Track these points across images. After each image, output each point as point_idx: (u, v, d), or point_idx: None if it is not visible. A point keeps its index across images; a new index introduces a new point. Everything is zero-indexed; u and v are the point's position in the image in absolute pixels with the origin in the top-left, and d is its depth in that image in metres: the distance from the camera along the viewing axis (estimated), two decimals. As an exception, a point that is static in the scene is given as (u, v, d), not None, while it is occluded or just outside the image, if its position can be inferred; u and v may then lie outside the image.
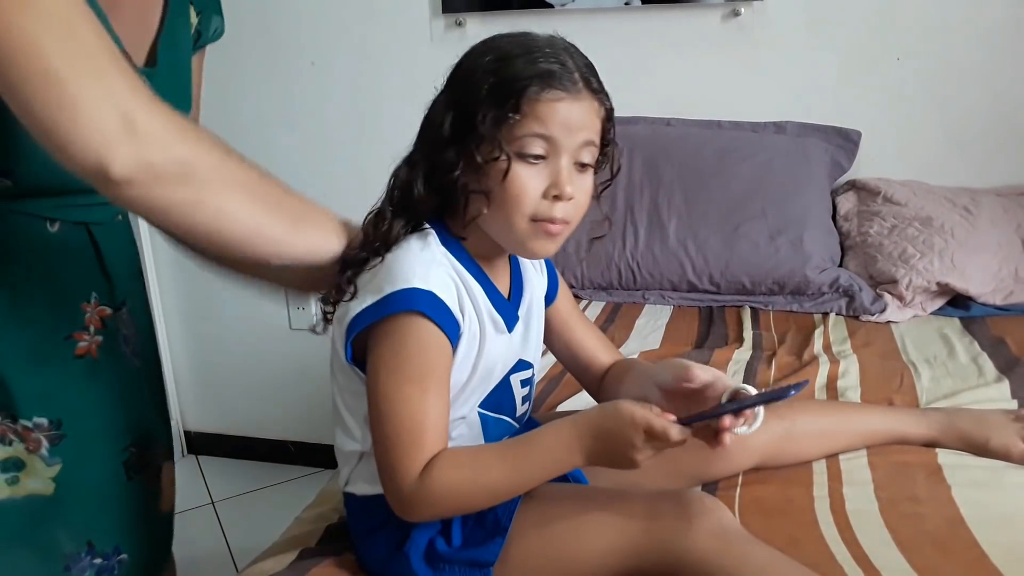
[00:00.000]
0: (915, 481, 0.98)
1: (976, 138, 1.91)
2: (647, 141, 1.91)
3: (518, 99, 0.78)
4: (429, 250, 0.83)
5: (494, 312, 0.87)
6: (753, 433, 0.80)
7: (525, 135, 0.79)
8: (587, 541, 0.80)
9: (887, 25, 1.90)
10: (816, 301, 1.70)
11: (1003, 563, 0.82)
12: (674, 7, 1.98)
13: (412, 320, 0.78)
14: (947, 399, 1.22)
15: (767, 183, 1.80)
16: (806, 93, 1.97)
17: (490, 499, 0.80)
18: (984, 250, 1.66)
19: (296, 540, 0.95)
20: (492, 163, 0.79)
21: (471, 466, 0.79)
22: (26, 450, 0.97)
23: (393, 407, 0.78)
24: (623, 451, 0.76)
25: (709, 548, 0.75)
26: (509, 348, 0.90)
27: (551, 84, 0.78)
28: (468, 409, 0.89)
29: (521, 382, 0.94)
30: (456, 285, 0.82)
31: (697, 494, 0.82)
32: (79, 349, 1.00)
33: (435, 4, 2.07)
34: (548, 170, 0.81)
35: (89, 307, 1.01)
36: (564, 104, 0.79)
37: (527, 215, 0.81)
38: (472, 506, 0.81)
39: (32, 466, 0.97)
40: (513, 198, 0.80)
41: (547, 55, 0.80)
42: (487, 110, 0.79)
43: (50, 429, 0.98)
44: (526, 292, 0.93)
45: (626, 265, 1.78)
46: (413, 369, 0.78)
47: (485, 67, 0.81)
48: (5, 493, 0.96)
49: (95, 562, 1.05)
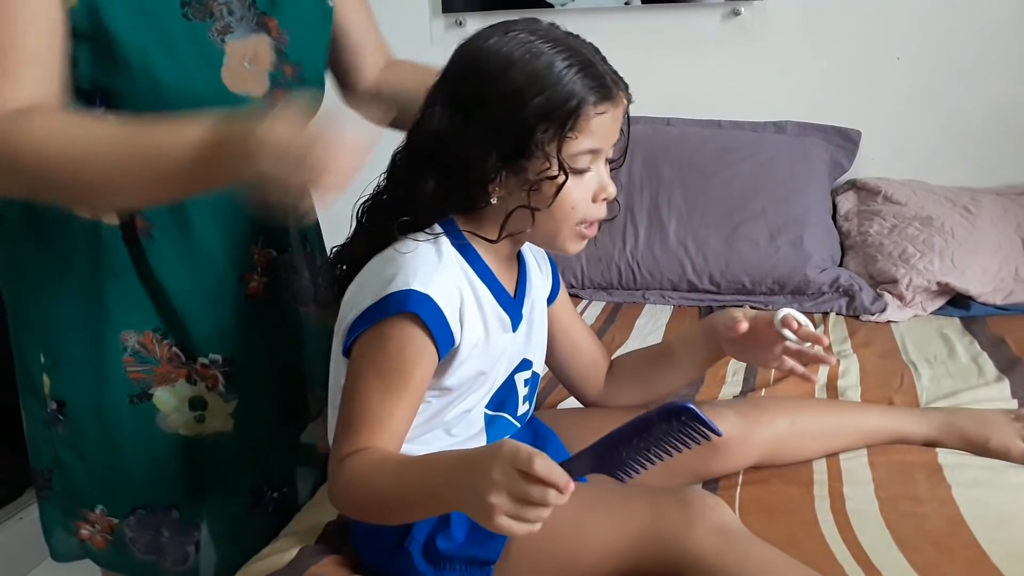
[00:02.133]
0: (915, 481, 0.98)
1: (976, 138, 1.92)
2: (647, 141, 1.91)
3: (576, 118, 0.78)
4: (440, 256, 0.82)
5: (501, 311, 0.87)
6: None
7: (580, 152, 0.80)
8: (588, 539, 0.80)
9: (887, 25, 1.90)
10: (816, 301, 1.70)
11: (1003, 563, 0.82)
12: (674, 7, 1.98)
13: (403, 322, 0.78)
14: (947, 399, 1.22)
15: (767, 183, 1.80)
16: (806, 93, 1.97)
17: (381, 509, 0.77)
18: (984, 250, 1.66)
19: (296, 537, 0.95)
20: (545, 180, 0.80)
21: (378, 464, 0.76)
22: (206, 388, 1.04)
23: (355, 390, 0.80)
24: (478, 480, 0.65)
25: (710, 547, 0.75)
26: (514, 347, 0.90)
27: (603, 97, 0.79)
28: (474, 407, 0.89)
29: (524, 381, 0.94)
30: (460, 292, 0.82)
31: (698, 493, 0.82)
32: (250, 289, 1.05)
33: (435, 4, 2.07)
34: (591, 174, 0.83)
35: (256, 249, 1.05)
36: (611, 115, 0.81)
37: (578, 220, 0.84)
38: (364, 506, 0.78)
39: (213, 404, 1.05)
40: (568, 211, 0.82)
41: (587, 62, 0.79)
42: (542, 125, 0.78)
43: (224, 366, 1.04)
44: (530, 291, 0.93)
45: (626, 265, 1.78)
46: (389, 369, 0.79)
47: (529, 73, 0.78)
48: (195, 431, 1.05)
49: (274, 496, 1.13)
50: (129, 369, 1.01)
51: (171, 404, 1.03)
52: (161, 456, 1.04)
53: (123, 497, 1.06)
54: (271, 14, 0.99)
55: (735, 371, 1.36)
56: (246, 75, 0.96)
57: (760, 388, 1.28)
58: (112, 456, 1.03)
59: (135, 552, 1.07)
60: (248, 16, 0.97)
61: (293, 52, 1.00)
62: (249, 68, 0.96)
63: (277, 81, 0.99)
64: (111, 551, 1.08)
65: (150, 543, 1.07)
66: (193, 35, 0.92)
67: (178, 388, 1.03)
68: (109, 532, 1.07)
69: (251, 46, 0.96)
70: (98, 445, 1.03)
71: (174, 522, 1.07)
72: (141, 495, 1.05)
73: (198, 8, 0.93)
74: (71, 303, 0.99)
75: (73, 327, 1.00)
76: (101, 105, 0.91)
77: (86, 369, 1.01)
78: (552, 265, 1.02)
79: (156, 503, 1.06)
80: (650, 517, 0.79)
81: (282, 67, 1.00)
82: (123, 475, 1.04)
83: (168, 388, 1.03)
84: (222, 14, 0.95)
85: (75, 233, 0.98)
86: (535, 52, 0.79)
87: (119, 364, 1.00)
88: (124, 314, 1.00)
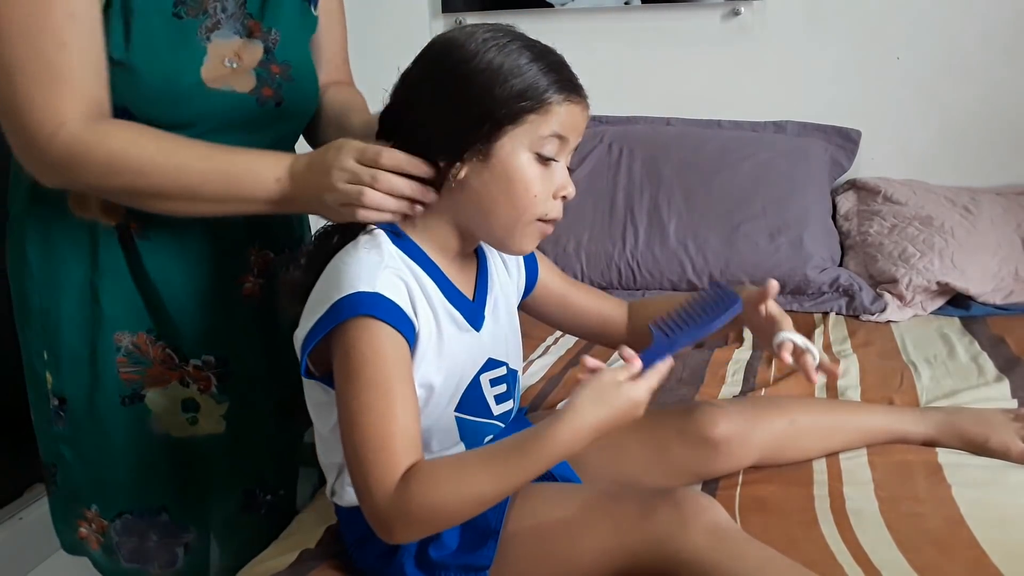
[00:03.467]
0: (915, 481, 0.98)
1: (976, 138, 1.92)
2: (647, 141, 1.91)
3: (545, 102, 0.80)
4: (378, 252, 0.81)
5: (452, 309, 0.85)
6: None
7: (548, 135, 0.81)
8: (582, 541, 0.80)
9: (887, 24, 1.90)
10: (816, 301, 1.70)
11: (1003, 563, 0.82)
12: (674, 7, 1.98)
13: (362, 324, 0.76)
14: (947, 399, 1.22)
15: (767, 183, 1.80)
16: (806, 93, 1.97)
17: (478, 507, 0.76)
18: (984, 250, 1.66)
19: (296, 541, 0.95)
20: (510, 163, 0.80)
21: (455, 478, 0.74)
22: (198, 390, 1.05)
23: (355, 417, 0.75)
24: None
25: (704, 546, 0.75)
26: (478, 347, 0.89)
27: (571, 91, 0.82)
28: (442, 413, 0.88)
29: (491, 381, 0.92)
30: (407, 284, 0.81)
31: (692, 492, 0.82)
32: (245, 290, 1.07)
33: (435, 4, 2.07)
34: (553, 172, 0.83)
35: (254, 251, 1.07)
36: (579, 109, 0.83)
37: (535, 215, 0.83)
38: (460, 518, 0.77)
39: (206, 406, 1.06)
40: (530, 199, 0.82)
41: (555, 62, 0.82)
42: (514, 106, 0.79)
43: (217, 367, 1.05)
44: (492, 289, 0.93)
45: (626, 265, 1.78)
46: (370, 374, 0.75)
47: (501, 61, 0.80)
48: (187, 432, 1.06)
49: (267, 498, 1.14)
50: (122, 370, 1.02)
51: (163, 406, 1.04)
52: (152, 458, 1.05)
53: (113, 499, 1.07)
54: (257, 17, 1.00)
55: (735, 371, 1.36)
56: (227, 72, 0.97)
57: (760, 388, 1.28)
58: (104, 456, 1.05)
59: (121, 559, 1.08)
60: (237, 14, 0.99)
61: (282, 52, 1.02)
62: (229, 65, 0.97)
63: (264, 79, 1.00)
64: (103, 555, 1.10)
65: (135, 549, 1.08)
66: (180, 32, 0.94)
67: (170, 390, 1.04)
68: (101, 534, 1.08)
69: (233, 46, 0.98)
70: (92, 444, 1.05)
71: (163, 525, 1.07)
72: (129, 498, 1.06)
73: (192, 6, 0.95)
74: (69, 301, 1.01)
75: (70, 325, 1.01)
76: None
77: (82, 368, 1.02)
78: (528, 257, 1.01)
79: (144, 507, 1.07)
80: (644, 517, 0.78)
81: (269, 66, 1.01)
82: (114, 476, 1.05)
83: (160, 390, 1.04)
84: (215, 11, 0.96)
85: (73, 232, 0.99)
86: (506, 44, 0.81)
87: (113, 364, 1.01)
88: (118, 315, 1.01)
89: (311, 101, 1.09)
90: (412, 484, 0.73)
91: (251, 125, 1.00)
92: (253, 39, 1.00)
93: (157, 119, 0.92)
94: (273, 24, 1.02)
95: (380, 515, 0.74)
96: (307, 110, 1.08)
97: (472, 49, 0.80)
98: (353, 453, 0.75)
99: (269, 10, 1.02)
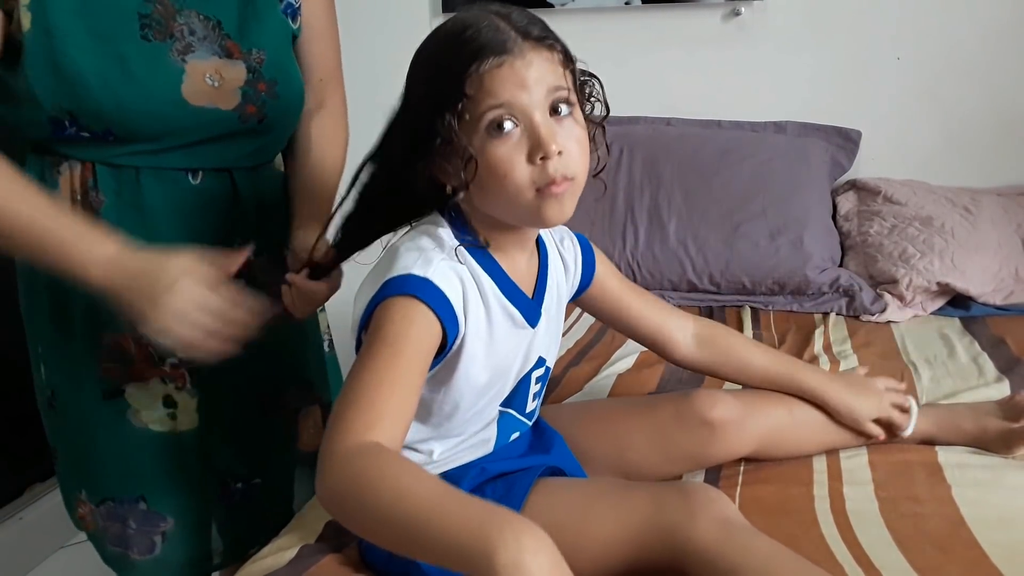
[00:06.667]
0: (915, 481, 0.98)
1: (976, 138, 1.92)
2: (647, 141, 1.91)
3: (461, 83, 0.76)
4: (439, 244, 0.82)
5: (509, 306, 0.85)
6: None
7: (483, 112, 0.76)
8: (592, 531, 0.80)
9: (887, 25, 1.91)
10: (816, 301, 1.70)
11: (1003, 563, 0.82)
12: (674, 7, 1.98)
13: (404, 301, 0.77)
14: (947, 399, 1.22)
15: (767, 183, 1.80)
16: (806, 93, 1.97)
17: (379, 521, 0.65)
18: (984, 250, 1.66)
19: (297, 536, 0.95)
20: (468, 156, 0.77)
21: (395, 465, 0.67)
22: (175, 388, 1.08)
23: (362, 367, 0.74)
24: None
25: (712, 538, 0.75)
26: (532, 344, 0.89)
27: (486, 54, 0.75)
28: (487, 405, 0.88)
29: (537, 378, 0.93)
30: (462, 280, 0.80)
31: (700, 485, 0.83)
32: None
33: (435, 4, 2.07)
34: (525, 135, 0.77)
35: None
36: (507, 67, 0.75)
37: (526, 187, 0.77)
38: (361, 516, 0.67)
39: (182, 403, 1.08)
40: (502, 177, 0.77)
41: (478, 29, 0.77)
42: (439, 104, 0.77)
43: (190, 362, 1.06)
44: (550, 287, 0.92)
45: (626, 265, 1.78)
46: (390, 336, 0.75)
47: (424, 63, 0.80)
48: (167, 427, 1.09)
49: (239, 486, 1.16)
50: (104, 366, 1.05)
51: (143, 401, 1.07)
52: (130, 450, 1.09)
53: (96, 486, 1.11)
54: (236, 39, 1.01)
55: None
56: (209, 90, 0.98)
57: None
58: (87, 446, 1.09)
59: (106, 543, 1.14)
60: (212, 37, 0.99)
61: (269, 70, 1.03)
62: (211, 83, 0.98)
63: (249, 97, 1.01)
64: (95, 536, 1.15)
65: (118, 534, 1.12)
66: (152, 55, 0.95)
67: (151, 387, 1.07)
68: (91, 517, 1.14)
69: (213, 65, 0.99)
70: (76, 434, 1.09)
71: (141, 513, 1.11)
72: (110, 486, 1.11)
73: (158, 29, 0.96)
74: (57, 298, 1.04)
75: (58, 321, 1.05)
76: (72, 127, 0.94)
77: (66, 363, 1.06)
78: (586, 256, 1.00)
79: (124, 495, 1.11)
80: (653, 509, 0.79)
81: (256, 84, 1.02)
82: (96, 466, 1.10)
83: (141, 385, 1.07)
84: (183, 34, 0.97)
85: None
86: (439, 41, 0.80)
87: (95, 360, 1.05)
88: (102, 314, 1.01)
89: (294, 116, 1.11)
90: (364, 454, 0.68)
91: (228, 138, 1.03)
92: (234, 60, 1.00)
93: (135, 132, 0.95)
94: (255, 44, 1.02)
95: (325, 460, 0.69)
96: (290, 124, 1.11)
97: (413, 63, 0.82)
98: (342, 397, 0.73)
99: (251, 31, 1.02)
